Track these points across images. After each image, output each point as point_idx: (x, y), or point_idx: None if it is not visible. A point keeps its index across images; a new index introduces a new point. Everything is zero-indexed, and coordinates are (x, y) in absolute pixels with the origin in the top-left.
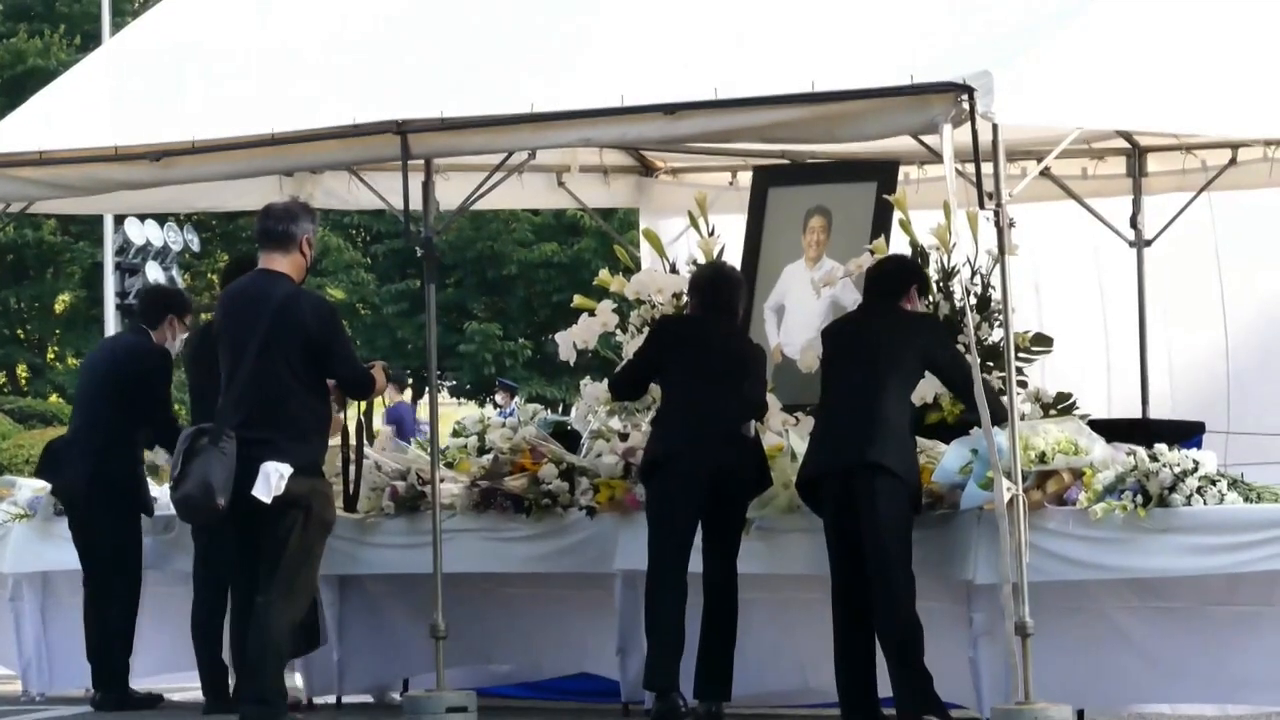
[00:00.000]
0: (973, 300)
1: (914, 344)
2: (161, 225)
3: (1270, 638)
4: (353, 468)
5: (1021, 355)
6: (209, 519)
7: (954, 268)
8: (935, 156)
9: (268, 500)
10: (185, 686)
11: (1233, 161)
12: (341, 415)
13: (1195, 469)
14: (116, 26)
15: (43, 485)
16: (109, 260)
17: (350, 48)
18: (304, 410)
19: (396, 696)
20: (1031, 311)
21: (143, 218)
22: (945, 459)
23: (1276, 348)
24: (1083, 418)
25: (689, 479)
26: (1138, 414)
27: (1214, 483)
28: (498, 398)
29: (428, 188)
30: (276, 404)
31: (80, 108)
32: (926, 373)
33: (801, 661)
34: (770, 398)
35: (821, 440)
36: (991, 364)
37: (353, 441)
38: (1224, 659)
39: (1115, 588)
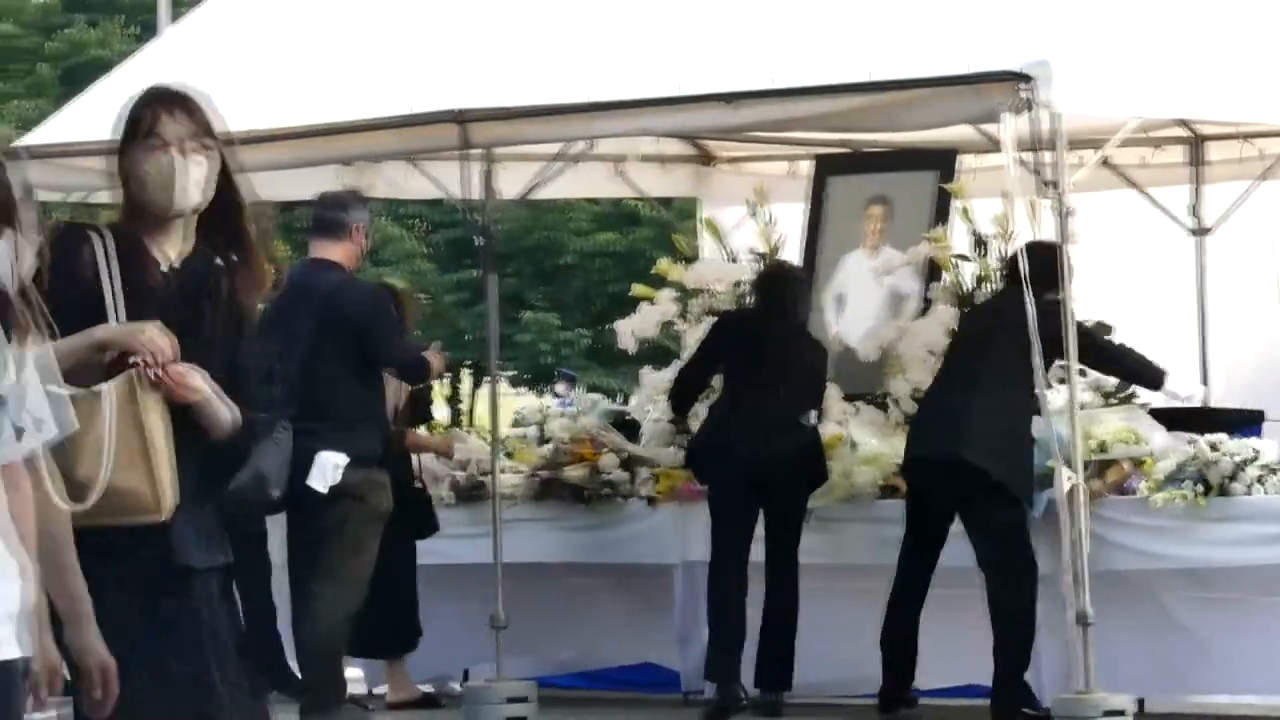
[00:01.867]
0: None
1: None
2: None
3: None
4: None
5: None
6: (263, 511)
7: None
8: (993, 145)
9: (324, 490)
10: None
11: None
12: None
13: (1256, 458)
14: (174, 17)
15: None
16: None
17: (409, 37)
18: (355, 400)
19: (457, 687)
20: (1091, 300)
21: None
22: None
23: None
24: (1142, 406)
25: (740, 471)
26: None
27: (1275, 472)
28: (558, 387)
29: (487, 177)
30: (328, 394)
31: None
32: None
33: (861, 652)
34: (831, 387)
35: (914, 427)
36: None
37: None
38: None
39: (1172, 579)
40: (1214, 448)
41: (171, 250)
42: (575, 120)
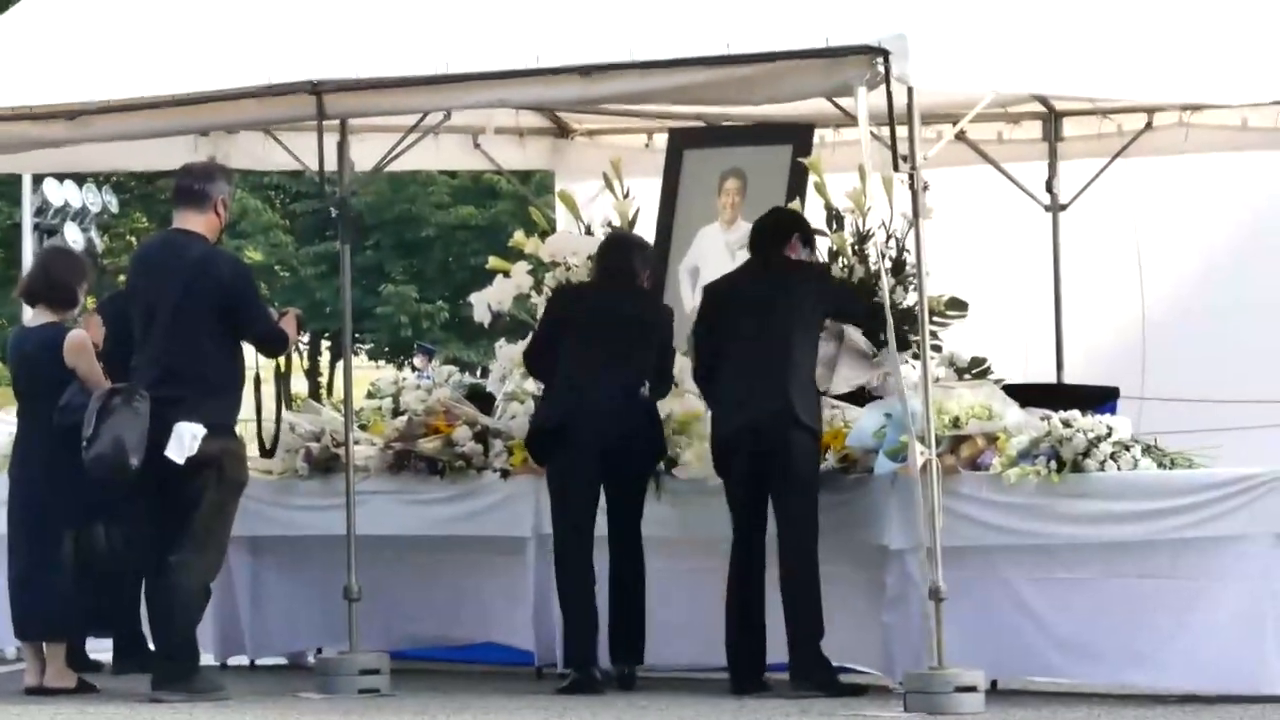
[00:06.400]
0: (888, 264)
1: (808, 290)
2: (80, 186)
3: (1174, 613)
4: (269, 420)
5: (936, 319)
6: (122, 479)
7: (869, 231)
8: (850, 119)
9: (181, 461)
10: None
11: (1149, 126)
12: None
13: (1109, 434)
14: None
15: None
16: (27, 221)
17: (265, 6)
18: (217, 369)
19: (311, 659)
20: (946, 276)
21: (61, 178)
22: (860, 422)
23: (1194, 315)
24: (997, 382)
25: (581, 452)
26: (1048, 380)
27: (1127, 448)
28: (416, 360)
29: (343, 148)
30: (190, 363)
31: None
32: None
33: (714, 624)
34: (683, 360)
35: (735, 400)
36: (906, 328)
37: (268, 390)
38: (1129, 634)
39: (1022, 558)
40: (1067, 424)
41: None
42: (431, 91)
